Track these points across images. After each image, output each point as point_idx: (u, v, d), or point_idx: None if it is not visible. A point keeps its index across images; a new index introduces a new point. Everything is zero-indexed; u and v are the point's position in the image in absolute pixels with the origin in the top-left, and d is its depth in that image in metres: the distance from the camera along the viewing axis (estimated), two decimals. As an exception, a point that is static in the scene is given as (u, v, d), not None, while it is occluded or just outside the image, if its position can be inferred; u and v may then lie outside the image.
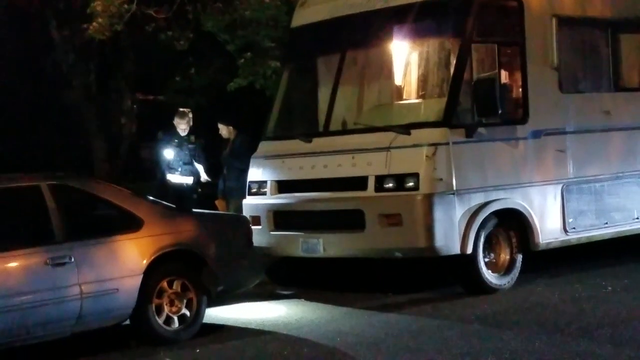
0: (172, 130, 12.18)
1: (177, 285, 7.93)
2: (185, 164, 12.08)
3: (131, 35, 17.08)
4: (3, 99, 17.58)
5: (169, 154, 12.08)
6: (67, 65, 17.76)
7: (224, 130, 12.27)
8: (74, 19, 16.35)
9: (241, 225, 8.86)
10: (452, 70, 9.33)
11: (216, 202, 12.23)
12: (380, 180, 9.12)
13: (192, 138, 12.15)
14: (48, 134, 18.46)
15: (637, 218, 10.45)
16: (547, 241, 9.71)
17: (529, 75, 9.64)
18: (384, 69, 10.21)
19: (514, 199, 9.47)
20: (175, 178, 12.05)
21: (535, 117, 9.66)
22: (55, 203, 7.49)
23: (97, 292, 7.41)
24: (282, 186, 10.02)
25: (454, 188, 9.02)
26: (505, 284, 9.44)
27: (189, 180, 12.06)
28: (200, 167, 12.18)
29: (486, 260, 9.33)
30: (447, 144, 9.00)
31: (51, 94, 17.87)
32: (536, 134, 9.69)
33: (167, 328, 7.85)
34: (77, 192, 7.85)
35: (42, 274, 7.21)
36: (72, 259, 7.33)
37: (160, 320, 7.81)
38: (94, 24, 14.23)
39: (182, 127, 12.10)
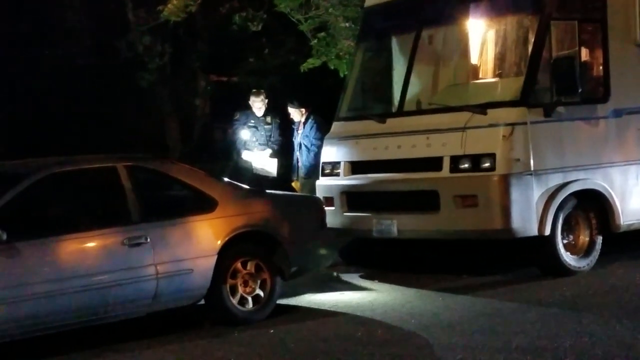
0: (247, 111, 12.21)
1: (251, 266, 7.95)
2: (261, 144, 12.09)
3: (205, 16, 17.19)
4: (79, 81, 17.87)
5: (245, 134, 12.11)
6: (142, 47, 17.96)
7: (295, 114, 12.16)
8: (149, 0, 16.50)
9: (314, 206, 8.84)
10: (530, 48, 9.11)
11: (292, 184, 12.22)
12: (455, 160, 9.00)
13: (269, 119, 12.15)
14: (123, 115, 18.72)
15: None
16: (629, 222, 9.48)
17: (610, 52, 9.38)
18: (460, 47, 10.06)
19: (594, 180, 9.25)
20: (251, 155, 12.03)
21: (616, 96, 9.41)
22: (131, 184, 7.56)
23: (172, 272, 7.48)
24: (356, 167, 9.96)
25: (532, 168, 8.85)
26: (584, 266, 9.25)
27: (265, 153, 12.01)
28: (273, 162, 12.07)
29: (565, 242, 9.15)
30: (525, 123, 8.83)
31: (126, 76, 18.09)
32: (618, 113, 9.44)
33: (241, 308, 7.88)
34: (152, 173, 7.92)
35: (119, 254, 7.30)
36: (148, 240, 7.41)
37: (235, 301, 7.84)
38: (169, 5, 14.36)
39: (258, 105, 12.09)
